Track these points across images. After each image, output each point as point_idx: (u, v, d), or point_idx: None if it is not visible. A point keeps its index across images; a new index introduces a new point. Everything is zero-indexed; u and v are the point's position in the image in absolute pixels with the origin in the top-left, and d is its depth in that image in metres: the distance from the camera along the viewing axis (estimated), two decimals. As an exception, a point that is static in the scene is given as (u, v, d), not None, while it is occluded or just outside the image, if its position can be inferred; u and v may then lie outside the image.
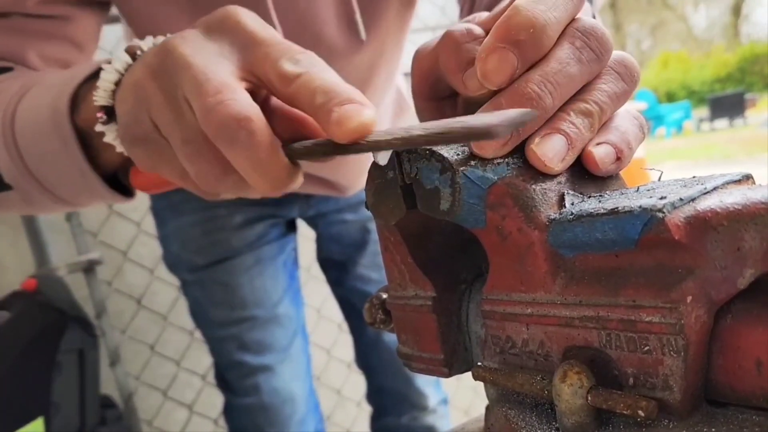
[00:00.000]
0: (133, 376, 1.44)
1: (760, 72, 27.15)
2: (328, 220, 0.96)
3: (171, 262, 0.94)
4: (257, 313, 0.91)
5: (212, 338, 0.95)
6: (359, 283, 0.99)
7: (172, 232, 0.90)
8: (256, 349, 0.92)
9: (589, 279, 0.24)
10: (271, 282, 0.92)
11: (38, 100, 0.44)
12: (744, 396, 0.21)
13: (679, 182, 0.25)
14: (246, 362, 0.91)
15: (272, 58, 0.32)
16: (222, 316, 0.91)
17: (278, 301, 0.93)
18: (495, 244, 0.26)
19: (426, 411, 1.04)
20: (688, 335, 0.21)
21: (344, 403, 1.71)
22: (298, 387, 0.95)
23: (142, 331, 1.47)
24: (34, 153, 0.45)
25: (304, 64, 0.31)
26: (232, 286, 0.89)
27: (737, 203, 0.21)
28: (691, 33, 38.49)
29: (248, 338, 0.91)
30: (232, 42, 0.33)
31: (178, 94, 0.32)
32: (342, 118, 0.28)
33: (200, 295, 0.92)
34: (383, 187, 0.29)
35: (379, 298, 0.34)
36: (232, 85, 0.31)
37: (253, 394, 0.92)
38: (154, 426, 1.49)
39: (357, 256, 0.98)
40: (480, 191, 0.26)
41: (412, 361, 0.32)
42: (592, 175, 0.28)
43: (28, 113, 0.45)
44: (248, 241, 0.89)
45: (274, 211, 0.90)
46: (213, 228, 0.87)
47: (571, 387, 0.23)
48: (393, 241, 0.31)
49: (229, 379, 0.94)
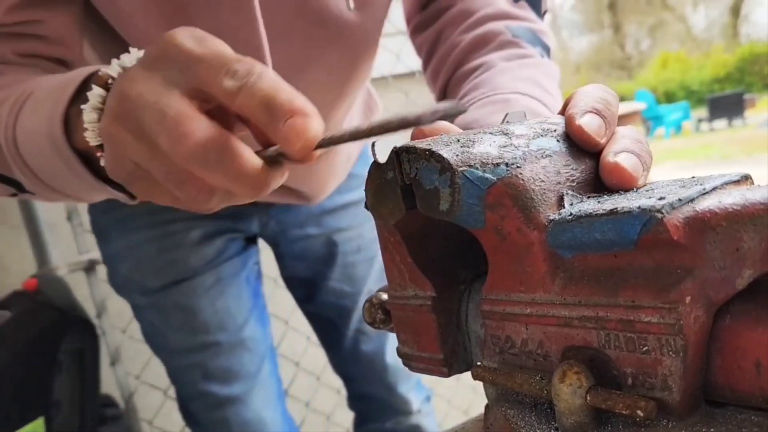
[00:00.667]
0: (134, 375, 1.44)
1: (759, 72, 27.15)
2: (290, 236, 0.90)
3: (119, 285, 0.86)
4: (221, 338, 0.83)
5: (173, 367, 0.88)
6: (332, 297, 0.93)
7: (121, 251, 0.82)
8: (223, 378, 0.84)
9: (588, 279, 0.24)
10: (234, 302, 0.84)
11: (34, 123, 0.45)
12: (743, 396, 0.21)
13: (677, 183, 0.25)
14: (212, 393, 0.84)
15: (212, 76, 0.33)
16: (183, 343, 0.84)
17: (243, 323, 0.85)
18: (494, 244, 0.26)
19: (410, 415, 1.01)
20: (687, 335, 0.21)
21: (344, 403, 1.71)
22: (269, 414, 0.88)
23: (142, 331, 1.47)
24: (45, 171, 0.47)
25: (241, 76, 0.32)
26: (192, 309, 0.82)
27: (736, 204, 0.21)
28: (690, 33, 38.49)
29: (213, 366, 0.84)
30: (176, 66, 0.34)
31: (146, 133, 0.34)
32: (288, 137, 0.31)
33: (156, 320, 0.85)
34: (383, 187, 0.30)
35: (379, 298, 0.34)
36: (187, 113, 0.32)
37: (222, 429, 0.85)
38: (154, 425, 1.49)
39: (326, 271, 0.92)
40: (479, 191, 0.26)
41: (412, 361, 0.32)
42: (590, 176, 0.28)
43: (29, 139, 0.46)
44: (207, 259, 0.82)
45: (232, 225, 0.84)
46: (168, 245, 0.80)
47: (570, 387, 0.23)
48: (392, 241, 0.31)
49: (195, 411, 0.87)
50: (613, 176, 0.27)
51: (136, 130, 0.34)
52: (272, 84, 0.32)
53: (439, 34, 0.63)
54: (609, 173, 0.27)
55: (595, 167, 0.28)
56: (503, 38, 0.57)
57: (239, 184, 0.33)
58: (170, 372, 0.89)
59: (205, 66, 0.33)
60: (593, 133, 0.28)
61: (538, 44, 0.58)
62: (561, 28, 44.30)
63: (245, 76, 0.32)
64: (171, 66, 0.34)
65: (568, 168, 0.27)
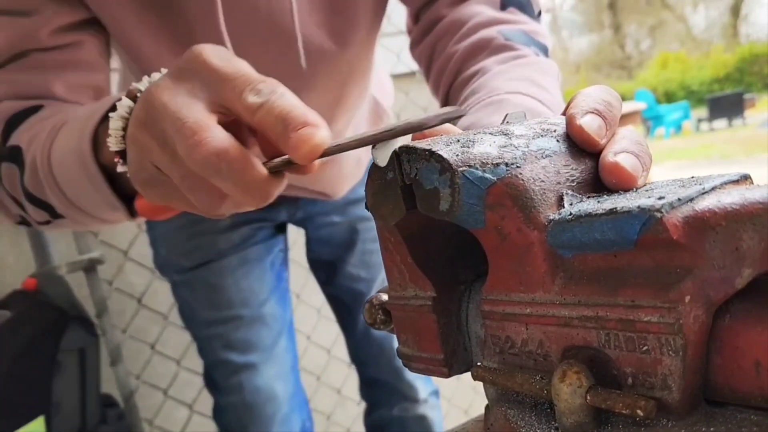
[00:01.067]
0: (134, 375, 1.44)
1: (759, 72, 27.14)
2: (317, 223, 0.98)
3: (160, 264, 0.97)
4: (243, 312, 0.93)
5: (200, 338, 0.97)
6: (349, 281, 1.02)
7: (160, 235, 0.93)
8: (242, 348, 0.94)
9: (587, 279, 0.24)
10: (257, 282, 0.94)
11: (66, 143, 0.49)
12: (742, 396, 0.21)
13: (677, 182, 0.25)
14: (231, 361, 0.94)
15: (237, 92, 0.35)
16: (209, 316, 0.94)
17: (264, 301, 0.94)
18: (494, 244, 0.26)
19: (417, 403, 1.07)
20: (687, 335, 0.21)
21: (344, 403, 1.71)
22: (280, 386, 0.96)
23: (143, 331, 1.47)
24: (71, 188, 0.51)
25: (265, 93, 0.35)
26: (218, 286, 0.92)
27: (735, 203, 0.21)
28: (690, 33, 38.48)
29: (234, 337, 0.93)
30: (202, 81, 0.37)
31: (167, 139, 0.36)
32: (297, 143, 0.33)
33: (188, 296, 0.95)
34: (383, 187, 0.30)
35: (379, 298, 0.34)
36: (205, 123, 0.35)
37: (237, 393, 0.94)
38: (155, 425, 1.49)
39: (346, 256, 1.01)
40: (479, 191, 0.26)
41: (412, 362, 0.32)
42: (590, 176, 0.28)
43: (60, 157, 0.49)
44: (233, 243, 0.91)
45: (261, 215, 0.92)
46: (197, 232, 0.89)
47: (570, 387, 0.23)
48: (393, 241, 0.31)
49: (216, 378, 0.96)
50: (613, 176, 0.27)
51: (159, 136, 0.37)
52: (291, 101, 0.35)
53: (433, 46, 0.65)
54: (609, 173, 0.27)
55: (594, 167, 0.28)
56: (496, 43, 0.58)
57: (247, 192, 0.36)
58: (198, 343, 0.99)
59: (231, 84, 0.36)
60: (593, 133, 0.28)
61: (532, 44, 0.59)
62: (561, 28, 44.28)
63: (269, 93, 0.35)
64: (197, 79, 0.37)
65: (567, 168, 0.27)
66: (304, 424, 1.01)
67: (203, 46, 0.38)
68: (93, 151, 0.47)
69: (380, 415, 1.09)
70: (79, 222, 0.56)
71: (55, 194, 0.52)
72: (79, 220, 0.55)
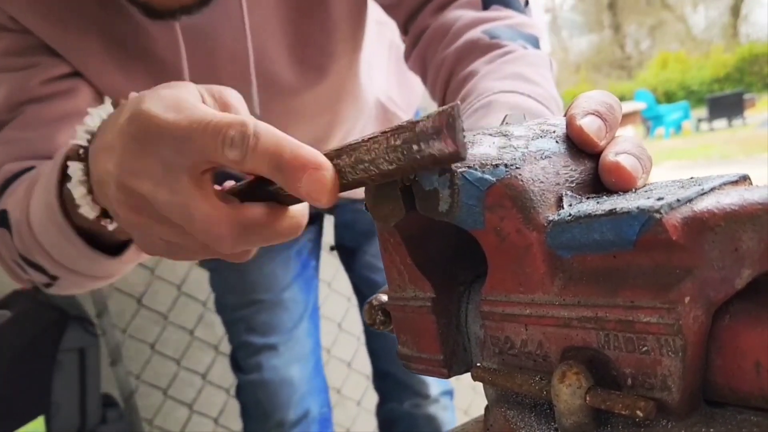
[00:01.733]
0: (134, 375, 1.44)
1: (758, 72, 27.14)
2: (344, 208, 1.01)
3: None
4: (265, 297, 0.98)
5: (228, 322, 1.03)
6: (367, 270, 1.05)
7: None
8: (262, 331, 0.99)
9: (587, 280, 0.24)
10: (281, 269, 0.98)
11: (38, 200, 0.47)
12: (742, 396, 0.21)
13: (676, 183, 0.25)
14: (252, 342, 0.99)
15: (212, 149, 0.32)
16: (235, 300, 1.00)
17: (286, 286, 0.99)
18: (493, 245, 0.26)
19: (428, 400, 1.08)
20: (686, 336, 0.21)
21: (344, 403, 1.71)
22: (296, 369, 1.00)
23: (143, 330, 1.47)
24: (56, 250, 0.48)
25: (239, 142, 0.32)
26: (244, 271, 0.97)
27: (734, 204, 0.21)
28: (689, 33, 38.49)
29: (256, 321, 0.99)
30: (168, 147, 0.33)
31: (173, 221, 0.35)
32: (312, 195, 0.31)
33: (219, 283, 1.02)
34: (382, 188, 0.30)
35: (379, 299, 0.34)
36: (214, 216, 0.33)
37: (256, 371, 0.99)
38: (154, 425, 1.49)
39: (366, 245, 1.04)
40: (478, 192, 0.26)
41: (412, 362, 0.32)
42: (590, 177, 0.28)
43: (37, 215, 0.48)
44: None
45: None
46: None
47: (570, 387, 0.23)
48: (392, 242, 0.31)
49: (239, 359, 1.01)
50: (613, 175, 0.27)
51: (157, 217, 0.35)
52: (273, 141, 0.32)
53: (424, 56, 0.65)
54: (608, 172, 0.27)
55: (594, 169, 0.28)
56: (482, 43, 0.57)
57: (280, 238, 0.36)
58: (226, 329, 1.04)
59: (198, 144, 0.32)
60: (593, 134, 0.28)
61: (519, 38, 0.58)
62: (561, 28, 44.27)
63: (243, 141, 0.32)
64: (161, 146, 0.33)
65: (567, 169, 0.27)
66: (321, 408, 1.03)
67: (142, 101, 0.34)
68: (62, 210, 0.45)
69: (391, 408, 1.11)
70: (75, 283, 0.53)
71: (40, 255, 0.50)
72: (74, 281, 0.53)
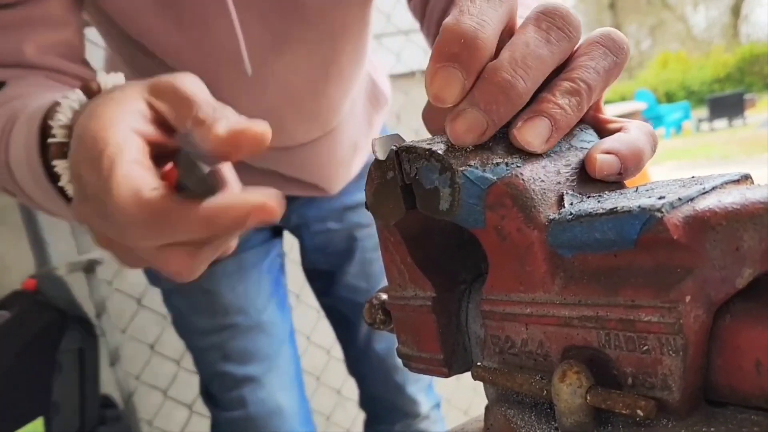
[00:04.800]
0: (133, 375, 1.44)
1: (759, 72, 27.14)
2: (312, 230, 0.93)
3: (150, 274, 0.91)
4: (240, 320, 0.87)
5: (195, 349, 0.92)
6: (348, 292, 0.96)
7: None
8: (240, 359, 0.88)
9: (588, 279, 0.24)
10: (254, 288, 0.88)
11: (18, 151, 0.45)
12: (743, 396, 0.21)
13: (677, 182, 0.25)
14: (229, 373, 0.88)
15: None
16: (204, 324, 0.89)
17: (263, 308, 0.89)
18: (494, 244, 0.26)
19: (419, 418, 1.02)
20: (687, 335, 0.21)
21: (344, 403, 1.71)
22: (285, 398, 0.91)
23: (143, 331, 1.47)
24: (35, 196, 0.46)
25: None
26: (214, 292, 0.86)
27: (736, 203, 0.21)
28: (690, 33, 38.50)
29: (231, 347, 0.88)
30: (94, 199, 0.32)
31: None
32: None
33: (182, 304, 0.90)
34: (383, 187, 0.30)
35: (379, 298, 0.34)
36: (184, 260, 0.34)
37: (238, 408, 0.88)
38: (154, 426, 1.49)
39: (345, 266, 0.95)
40: (479, 191, 0.26)
41: (412, 361, 0.32)
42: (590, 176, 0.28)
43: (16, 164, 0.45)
44: None
45: None
46: None
47: (570, 387, 0.23)
48: (393, 241, 0.31)
49: (214, 393, 0.91)
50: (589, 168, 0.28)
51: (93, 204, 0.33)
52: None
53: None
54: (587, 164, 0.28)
55: None
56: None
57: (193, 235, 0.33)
58: (194, 355, 0.93)
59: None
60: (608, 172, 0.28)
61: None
62: (561, 28, 44.09)
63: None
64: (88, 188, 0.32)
65: (568, 168, 0.27)
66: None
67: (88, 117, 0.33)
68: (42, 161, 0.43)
69: (381, 430, 1.05)
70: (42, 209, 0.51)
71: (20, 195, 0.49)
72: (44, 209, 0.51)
